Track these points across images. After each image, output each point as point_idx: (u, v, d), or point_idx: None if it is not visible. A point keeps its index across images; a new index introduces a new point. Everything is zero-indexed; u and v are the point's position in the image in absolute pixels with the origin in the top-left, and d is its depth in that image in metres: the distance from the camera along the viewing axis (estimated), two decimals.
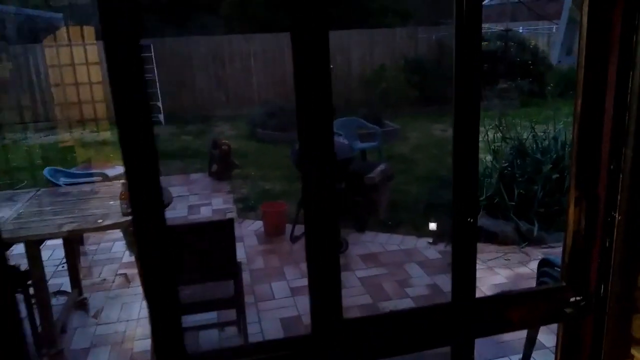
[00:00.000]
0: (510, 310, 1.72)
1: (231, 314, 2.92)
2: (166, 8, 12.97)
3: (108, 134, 9.45)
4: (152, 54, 10.96)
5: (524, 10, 12.06)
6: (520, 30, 10.62)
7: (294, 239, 4.33)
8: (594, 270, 1.74)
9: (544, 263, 2.42)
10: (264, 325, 3.18)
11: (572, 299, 1.75)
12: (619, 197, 1.68)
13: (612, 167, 1.66)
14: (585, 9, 1.55)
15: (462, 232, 1.56)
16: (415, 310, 1.63)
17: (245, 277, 3.74)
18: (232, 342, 3.01)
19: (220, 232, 2.31)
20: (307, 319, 3.21)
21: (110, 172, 5.33)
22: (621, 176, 1.67)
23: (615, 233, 1.69)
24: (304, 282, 3.75)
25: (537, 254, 4.00)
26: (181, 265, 2.37)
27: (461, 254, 1.58)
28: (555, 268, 2.28)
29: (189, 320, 3.01)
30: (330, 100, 1.43)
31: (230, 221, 2.27)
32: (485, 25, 12.39)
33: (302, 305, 3.35)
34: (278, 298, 3.49)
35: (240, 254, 4.18)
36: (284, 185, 5.96)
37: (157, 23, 12.29)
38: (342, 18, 11.76)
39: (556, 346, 1.88)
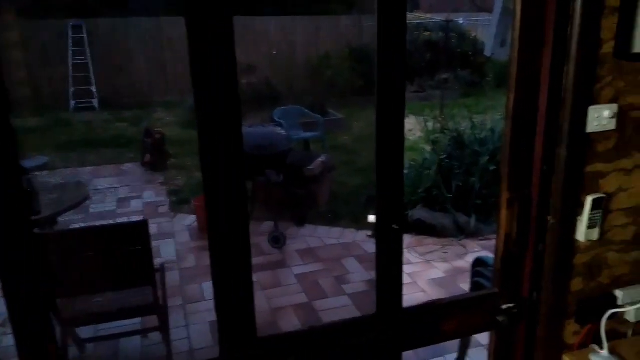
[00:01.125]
0: (441, 320, 1.62)
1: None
2: None
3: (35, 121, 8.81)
4: (85, 35, 10.32)
5: (466, 2, 12.22)
6: (461, 22, 10.75)
7: None
8: (527, 276, 1.66)
9: (477, 263, 2.36)
10: (192, 330, 2.98)
11: (505, 306, 1.66)
12: (552, 199, 1.60)
13: (545, 167, 1.57)
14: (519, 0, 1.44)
15: (387, 240, 1.43)
16: (337, 325, 1.49)
17: (174, 277, 3.52)
18: (156, 349, 2.79)
19: (133, 236, 2.09)
20: None
21: (29, 163, 4.91)
22: (554, 178, 1.59)
23: (548, 237, 1.62)
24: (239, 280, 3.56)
25: (474, 246, 4.00)
26: (90, 272, 2.13)
27: (386, 263, 1.44)
28: (489, 268, 2.22)
29: (108, 327, 2.77)
30: (236, 91, 1.25)
31: (144, 223, 2.05)
32: (427, 16, 12.47)
33: None
34: (209, 299, 3.28)
35: (170, 252, 3.94)
36: None
37: (90, 2, 11.55)
38: (286, 4, 11.49)
39: (488, 353, 1.80)
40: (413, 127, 7.48)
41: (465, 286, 3.40)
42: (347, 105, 9.97)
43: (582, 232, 1.57)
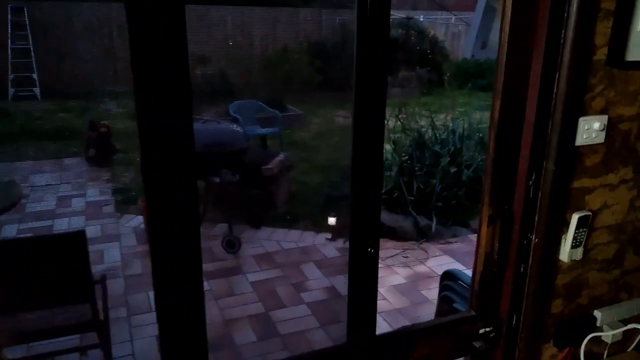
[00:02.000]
0: (415, 347, 1.47)
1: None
2: None
3: None
4: (26, 18, 9.65)
5: (425, 0, 12.26)
6: (421, 19, 10.75)
7: None
8: (506, 298, 1.54)
9: (446, 276, 2.24)
10: (137, 345, 2.73)
11: (482, 330, 1.54)
12: (536, 217, 1.49)
13: (530, 182, 1.45)
14: None
15: (361, 264, 1.26)
16: (305, 357, 1.32)
17: (118, 285, 3.25)
18: None
19: (68, 248, 1.84)
20: None
21: None
22: (540, 194, 1.47)
23: (530, 257, 1.50)
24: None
25: (435, 250, 3.92)
26: (17, 288, 1.87)
27: (360, 289, 1.28)
28: (459, 282, 2.10)
29: (42, 345, 2.49)
30: (188, 87, 1.05)
31: (81, 234, 1.81)
32: None
33: None
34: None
35: (115, 257, 3.65)
36: None
37: None
38: None
39: None
40: None
41: (426, 293, 3.30)
42: (305, 100, 9.78)
43: (566, 252, 1.46)
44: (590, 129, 1.36)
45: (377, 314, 1.52)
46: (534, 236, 1.42)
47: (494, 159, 1.38)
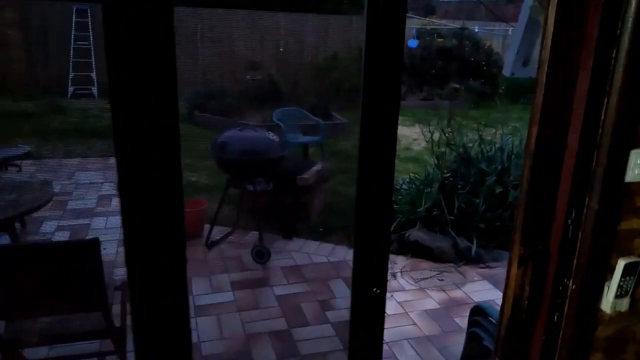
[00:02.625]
0: None
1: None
2: None
3: (28, 105, 8.54)
4: (89, 19, 10.05)
5: (482, 10, 11.89)
6: (476, 30, 10.42)
7: (210, 245, 3.83)
8: (536, 349, 1.36)
9: (475, 311, 2.05)
10: None
11: None
12: (575, 260, 1.31)
13: (569, 221, 1.28)
14: (553, 8, 1.14)
15: (365, 307, 1.13)
16: None
17: None
18: None
19: (80, 257, 1.80)
20: (207, 348, 2.75)
21: (7, 153, 4.63)
22: (580, 234, 1.30)
23: (566, 305, 1.33)
24: (213, 298, 3.26)
25: (474, 275, 3.69)
26: (31, 294, 1.85)
27: (362, 337, 1.15)
28: (489, 318, 1.92)
29: (60, 348, 2.48)
30: (175, 99, 0.96)
31: (94, 242, 1.77)
32: (442, 22, 12.15)
33: (205, 329, 2.88)
34: None
35: None
36: (213, 177, 5.41)
37: None
38: (297, 0, 11.20)
39: None
40: (418, 136, 7.18)
41: (460, 321, 3.10)
42: (352, 108, 9.65)
43: (609, 302, 1.27)
44: None
45: (405, 340, 1.36)
46: (571, 282, 1.24)
47: (528, 192, 1.22)
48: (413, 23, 11.91)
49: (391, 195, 1.11)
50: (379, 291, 1.10)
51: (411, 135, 8.14)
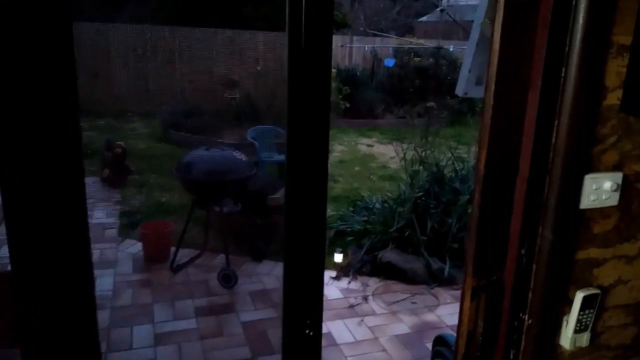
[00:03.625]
0: None
1: None
2: None
3: None
4: None
5: (459, 30, 12.03)
6: (451, 49, 10.52)
7: (175, 268, 3.69)
8: None
9: (438, 341, 1.96)
10: None
11: None
12: (530, 293, 1.23)
13: (523, 251, 1.20)
14: (499, 24, 1.07)
15: (297, 350, 1.03)
16: None
17: (104, 316, 3.08)
18: None
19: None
20: None
21: None
22: (535, 266, 1.22)
23: (522, 342, 1.24)
24: (175, 326, 3.10)
25: (447, 297, 3.61)
26: None
27: None
28: (452, 348, 1.83)
29: None
30: (77, 121, 0.87)
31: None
32: (420, 41, 12.26)
33: (164, 359, 2.74)
34: (136, 348, 2.85)
35: (107, 285, 3.50)
36: (184, 197, 5.28)
37: (79, 4, 11.17)
38: (273, 19, 11.21)
39: None
40: (395, 154, 7.15)
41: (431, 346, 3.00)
42: (330, 127, 9.62)
43: (568, 337, 1.19)
44: (600, 189, 1.10)
45: None
46: (527, 316, 1.16)
47: (479, 219, 1.14)
48: (390, 42, 12.00)
49: (324, 221, 1.03)
50: (312, 333, 1.00)
51: (388, 153, 8.11)
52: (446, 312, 3.40)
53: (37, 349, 0.92)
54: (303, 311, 0.99)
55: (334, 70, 10.95)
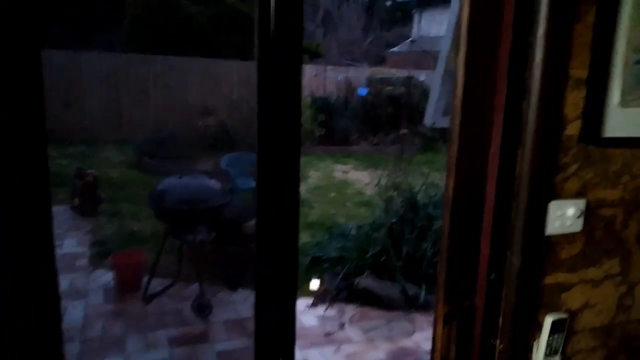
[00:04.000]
0: None
1: None
2: (57, 16, 11.80)
3: None
4: None
5: (429, 60, 12.35)
6: (422, 79, 10.79)
7: (148, 298, 3.61)
8: None
9: None
10: None
11: None
12: (500, 318, 1.26)
13: (492, 277, 1.23)
14: (462, 57, 1.12)
15: None
16: None
17: (73, 349, 2.98)
18: None
19: None
20: None
21: None
22: (504, 291, 1.25)
23: None
24: (147, 358, 3.04)
25: (423, 322, 3.61)
26: None
27: None
28: None
29: None
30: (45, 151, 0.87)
31: None
32: (391, 71, 12.54)
33: None
34: None
35: (76, 317, 3.40)
36: (157, 226, 5.21)
37: (50, 32, 11.09)
38: (246, 48, 11.34)
39: None
40: (370, 180, 7.21)
41: None
42: (305, 154, 9.68)
43: None
44: (564, 215, 1.14)
45: None
46: (498, 341, 1.18)
47: (448, 247, 1.16)
48: (363, 72, 12.24)
49: (296, 246, 1.04)
50: None
51: (363, 179, 8.19)
52: (422, 338, 3.40)
53: None
54: (276, 340, 0.99)
55: (308, 99, 11.08)
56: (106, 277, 4.02)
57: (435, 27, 18.46)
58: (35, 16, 0.82)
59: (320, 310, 3.73)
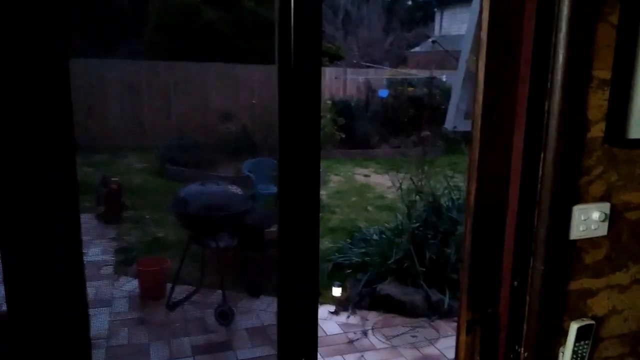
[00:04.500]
0: None
1: None
2: (80, 24, 12.07)
3: None
4: None
5: (451, 60, 12.25)
6: (444, 79, 10.69)
7: (172, 305, 3.65)
8: None
9: None
10: None
11: None
12: (525, 325, 1.23)
13: (516, 283, 1.21)
14: (483, 62, 1.11)
15: None
16: None
17: (99, 357, 3.03)
18: None
19: None
20: None
21: None
22: (528, 298, 1.22)
23: None
24: None
25: (448, 329, 3.56)
26: None
27: None
28: None
29: None
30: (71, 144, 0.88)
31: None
32: (412, 72, 12.46)
33: None
34: None
35: (102, 324, 3.45)
36: (180, 233, 5.27)
37: (75, 41, 11.36)
38: (266, 52, 11.40)
39: None
40: (392, 184, 7.17)
41: None
42: (326, 157, 9.68)
43: None
44: (589, 220, 1.11)
45: None
46: (522, 349, 1.15)
47: (471, 253, 1.14)
48: (384, 73, 12.19)
49: (317, 251, 1.04)
50: None
51: (385, 183, 8.14)
52: (447, 345, 3.36)
53: None
54: (298, 347, 0.99)
55: (329, 102, 11.09)
56: (131, 284, 4.08)
57: (456, 26, 18.32)
58: (64, 26, 0.84)
59: (343, 317, 3.71)
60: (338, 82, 12.02)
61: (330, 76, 11.86)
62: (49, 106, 0.84)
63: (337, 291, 3.92)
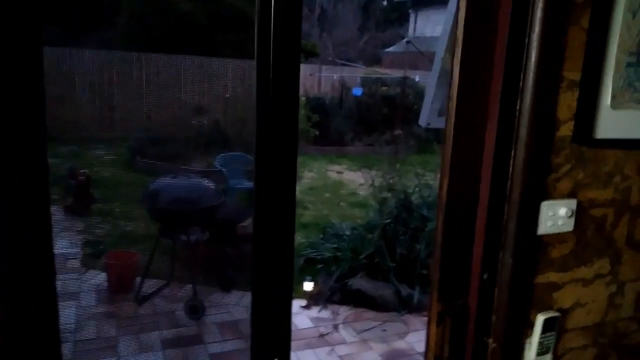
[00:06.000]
0: None
1: None
2: (51, 13, 11.73)
3: None
4: None
5: (425, 61, 12.40)
6: (417, 79, 10.82)
7: (141, 299, 3.60)
8: None
9: None
10: None
11: None
12: (493, 317, 1.27)
13: (485, 276, 1.24)
14: (458, 60, 1.13)
15: None
16: None
17: (66, 351, 2.97)
18: None
19: None
20: None
21: None
22: (497, 290, 1.26)
23: None
24: None
25: (417, 323, 3.63)
26: None
27: None
28: None
29: None
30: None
31: None
32: (386, 71, 12.56)
33: None
34: None
35: (69, 318, 3.38)
36: (150, 226, 5.19)
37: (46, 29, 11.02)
38: (242, 47, 11.32)
39: None
40: (365, 181, 7.23)
41: None
42: (300, 154, 9.65)
43: (531, 359, 1.22)
44: (556, 215, 1.15)
45: None
46: (491, 340, 1.19)
47: (442, 246, 1.17)
48: (358, 72, 12.26)
49: (292, 245, 1.04)
50: None
51: (357, 180, 8.19)
52: (416, 339, 3.42)
53: None
54: (271, 341, 0.99)
55: (303, 98, 11.08)
56: (99, 277, 4.00)
57: (430, 27, 18.52)
58: (37, 13, 0.82)
59: (314, 311, 3.73)
60: (313, 79, 12.02)
61: (305, 73, 11.84)
62: (21, 94, 0.82)
63: (308, 286, 3.94)
